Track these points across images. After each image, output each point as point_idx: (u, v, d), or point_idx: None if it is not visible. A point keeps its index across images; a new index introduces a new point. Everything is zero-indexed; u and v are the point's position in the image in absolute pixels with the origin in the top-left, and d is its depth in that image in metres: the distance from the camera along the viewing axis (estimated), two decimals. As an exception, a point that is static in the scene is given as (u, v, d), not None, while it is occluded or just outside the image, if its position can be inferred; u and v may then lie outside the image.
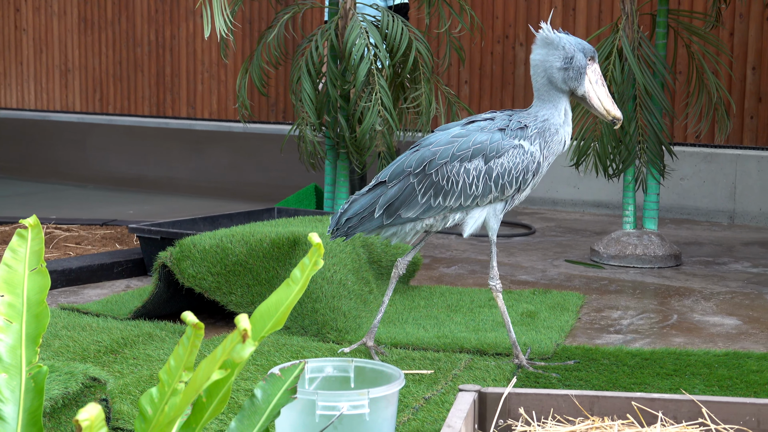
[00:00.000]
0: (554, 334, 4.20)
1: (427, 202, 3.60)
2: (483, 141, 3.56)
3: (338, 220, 3.69)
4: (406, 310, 4.59)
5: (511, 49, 8.21)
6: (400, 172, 3.61)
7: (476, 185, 3.57)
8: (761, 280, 5.49)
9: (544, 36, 3.57)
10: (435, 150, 3.58)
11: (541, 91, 3.62)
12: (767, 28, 7.25)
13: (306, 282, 2.01)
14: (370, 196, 3.65)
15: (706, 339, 4.30)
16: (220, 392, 1.96)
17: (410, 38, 5.91)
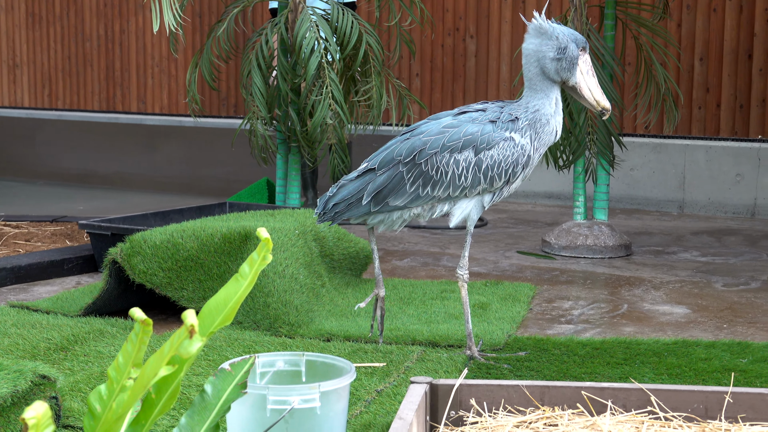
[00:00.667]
0: (506, 325, 4.22)
1: (415, 192, 3.60)
2: (474, 132, 3.56)
3: (325, 205, 3.68)
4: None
5: (462, 41, 8.24)
6: (389, 160, 3.60)
7: (465, 176, 3.58)
8: (710, 268, 5.55)
9: (538, 26, 3.55)
10: (426, 140, 3.58)
11: (533, 81, 3.59)
12: (714, 19, 7.33)
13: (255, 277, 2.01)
14: (359, 183, 3.64)
15: (655, 328, 4.34)
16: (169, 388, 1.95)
17: (360, 31, 5.91)
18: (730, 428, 2.77)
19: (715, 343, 3.99)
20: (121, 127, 10.00)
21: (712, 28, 7.36)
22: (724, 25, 7.30)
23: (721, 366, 3.67)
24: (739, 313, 4.58)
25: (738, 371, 3.60)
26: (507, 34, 8.06)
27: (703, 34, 7.38)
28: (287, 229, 4.47)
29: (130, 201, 8.23)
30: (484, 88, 8.18)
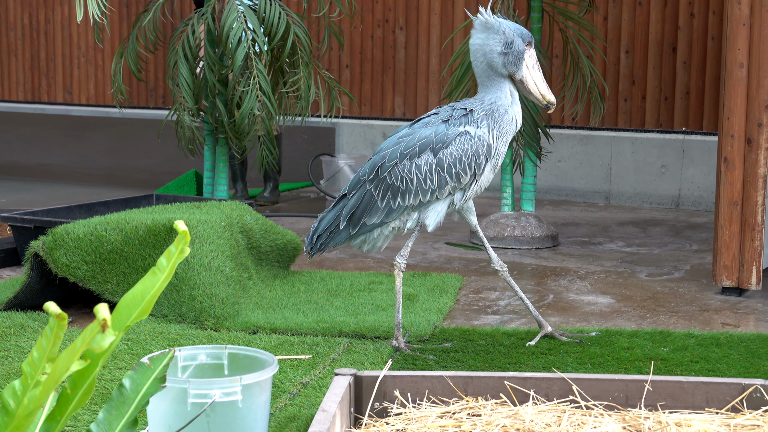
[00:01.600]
0: (432, 316, 4.24)
1: (387, 206, 3.64)
2: (428, 135, 3.60)
3: (311, 239, 3.78)
4: (286, 296, 4.58)
5: (392, 33, 8.24)
6: (357, 182, 3.68)
7: (431, 179, 3.60)
8: (634, 259, 5.62)
9: (484, 20, 3.58)
10: (384, 154, 3.64)
11: (483, 77, 3.63)
12: (639, 13, 7.42)
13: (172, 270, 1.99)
14: (335, 210, 3.73)
15: (580, 318, 4.39)
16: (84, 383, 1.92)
17: (288, 22, 5.89)
18: (650, 416, 2.81)
19: (638, 332, 4.04)
20: (47, 117, 9.85)
21: (637, 21, 7.44)
22: (649, 19, 7.39)
23: (643, 355, 3.72)
24: (662, 303, 4.65)
25: (659, 360, 3.65)
26: (436, 25, 8.08)
27: (629, 27, 7.47)
28: (213, 222, 4.44)
29: (55, 193, 8.11)
30: (414, 79, 8.20)
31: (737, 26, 4.60)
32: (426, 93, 8.16)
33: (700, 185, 7.28)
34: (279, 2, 5.96)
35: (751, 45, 4.58)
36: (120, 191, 7.85)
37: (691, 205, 7.34)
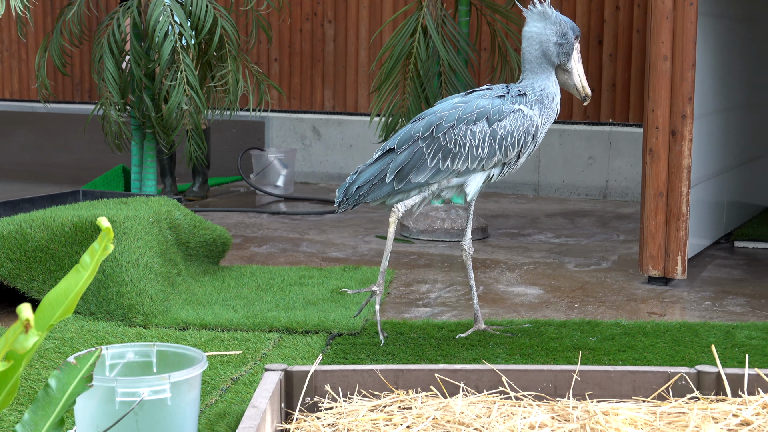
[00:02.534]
0: (364, 310, 4.24)
1: (435, 166, 3.71)
2: (485, 105, 3.71)
3: (346, 191, 3.77)
4: (216, 291, 4.55)
5: (320, 26, 8.22)
6: (408, 138, 3.72)
7: (482, 147, 3.71)
8: (563, 250, 5.68)
9: (542, 10, 3.72)
10: (441, 115, 3.72)
11: (534, 64, 3.76)
12: (566, 6, 7.48)
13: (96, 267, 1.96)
14: (379, 164, 3.74)
15: (510, 309, 4.42)
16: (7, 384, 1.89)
17: (215, 16, 5.84)
18: (578, 405, 2.84)
19: (567, 322, 4.08)
20: (-30, 113, 9.67)
21: (564, 14, 7.49)
22: (576, 12, 7.46)
23: (571, 345, 3.76)
24: (590, 293, 4.70)
25: (587, 350, 3.69)
26: (365, 19, 8.07)
27: (556, 19, 7.52)
28: (141, 217, 4.39)
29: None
30: (343, 73, 8.19)
31: (661, 19, 4.66)
32: (355, 86, 8.16)
33: (627, 176, 7.38)
34: (206, -5, 5.91)
35: (674, 38, 4.65)
36: (46, 188, 7.74)
37: (619, 195, 7.43)
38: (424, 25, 5.89)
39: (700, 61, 4.85)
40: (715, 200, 5.55)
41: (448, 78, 5.89)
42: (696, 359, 3.60)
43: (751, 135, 6.14)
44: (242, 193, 7.68)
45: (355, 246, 5.76)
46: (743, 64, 5.81)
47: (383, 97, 6.02)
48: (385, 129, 6.04)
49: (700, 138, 4.99)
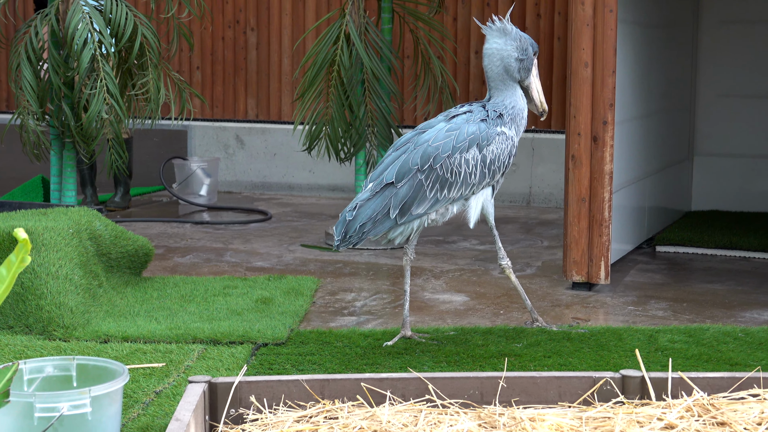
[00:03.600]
0: (288, 320, 4.20)
1: (434, 196, 3.75)
2: (474, 131, 3.77)
3: (347, 228, 3.71)
4: (138, 303, 4.48)
5: (243, 34, 8.16)
6: (406, 171, 3.72)
7: (474, 174, 3.79)
8: (488, 256, 5.70)
9: (502, 27, 3.82)
10: (437, 145, 3.74)
11: (497, 81, 3.85)
12: (488, 14, 7.52)
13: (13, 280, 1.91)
14: (380, 199, 3.71)
15: (435, 316, 4.42)
16: None
17: (136, 23, 5.76)
18: (504, 412, 2.84)
19: (492, 329, 4.09)
20: None
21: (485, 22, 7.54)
22: (498, 19, 7.50)
23: (497, 351, 3.76)
24: (515, 299, 4.72)
25: (513, 356, 3.70)
26: (287, 26, 8.04)
27: (478, 27, 7.55)
28: (61, 228, 4.30)
29: None
30: (266, 81, 8.14)
31: (581, 26, 4.70)
32: (279, 94, 8.12)
33: (550, 182, 7.43)
34: (126, 3, 5.83)
35: (595, 45, 4.70)
36: (-38, 199, 7.57)
37: (542, 202, 7.48)
38: (347, 32, 5.87)
39: (620, 68, 4.90)
40: (637, 205, 5.61)
41: (371, 85, 5.88)
42: (620, 364, 3.62)
43: (670, 140, 6.23)
44: (165, 203, 7.59)
45: (280, 255, 5.72)
46: (661, 70, 5.89)
47: (307, 105, 5.99)
48: (309, 137, 6.00)
49: (621, 144, 5.04)
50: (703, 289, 4.95)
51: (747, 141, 6.58)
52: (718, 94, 6.60)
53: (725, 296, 4.81)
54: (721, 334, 4.03)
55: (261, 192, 8.12)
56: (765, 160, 6.54)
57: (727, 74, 6.56)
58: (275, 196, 7.92)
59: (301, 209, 7.33)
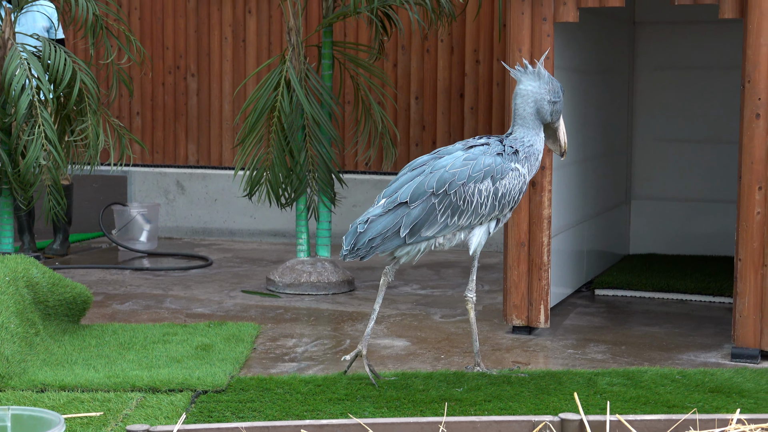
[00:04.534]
0: (228, 366, 4.17)
1: (444, 221, 3.86)
2: (490, 164, 3.90)
3: (356, 241, 3.83)
4: (76, 351, 4.42)
5: (183, 79, 8.16)
6: (421, 193, 3.83)
7: (485, 204, 3.91)
8: (428, 301, 5.71)
9: (537, 71, 3.99)
10: (453, 172, 3.85)
11: (527, 119, 3.99)
12: (427, 60, 7.60)
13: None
14: (392, 216, 3.83)
15: (377, 361, 4.41)
16: None
17: (74, 69, 5.74)
18: (445, 458, 2.84)
19: (433, 373, 4.10)
20: None
21: (425, 68, 7.62)
22: (437, 66, 7.58)
23: (438, 396, 3.77)
24: (456, 344, 4.73)
25: (453, 401, 3.70)
26: (228, 72, 8.05)
27: (418, 73, 7.63)
28: (-4, 276, 4.24)
29: None
30: (207, 126, 8.13)
31: (519, 73, 4.76)
32: (219, 140, 8.11)
33: (491, 227, 7.48)
34: (64, 49, 5.81)
35: (532, 91, 4.75)
36: None
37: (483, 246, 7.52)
38: (287, 78, 5.90)
39: (557, 114, 4.96)
40: (576, 249, 5.67)
41: (312, 131, 5.90)
42: (560, 407, 3.64)
43: (608, 184, 6.32)
44: (104, 250, 7.52)
45: (221, 301, 5.69)
46: (599, 116, 5.99)
47: (247, 150, 5.99)
48: (250, 182, 6.00)
49: (559, 188, 5.10)
50: (642, 331, 5.00)
51: (682, 185, 6.69)
52: (653, 139, 6.71)
53: (663, 339, 4.86)
54: (659, 376, 4.07)
55: (202, 238, 8.08)
56: (700, 204, 6.65)
57: (662, 119, 6.68)
58: (216, 242, 7.89)
59: (242, 255, 7.31)
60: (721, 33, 6.47)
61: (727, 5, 4.44)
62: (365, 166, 7.74)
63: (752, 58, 4.35)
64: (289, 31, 5.92)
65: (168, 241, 7.93)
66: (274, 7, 7.88)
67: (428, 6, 5.76)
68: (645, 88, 6.69)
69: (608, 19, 6.12)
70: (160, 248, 7.53)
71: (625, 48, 6.59)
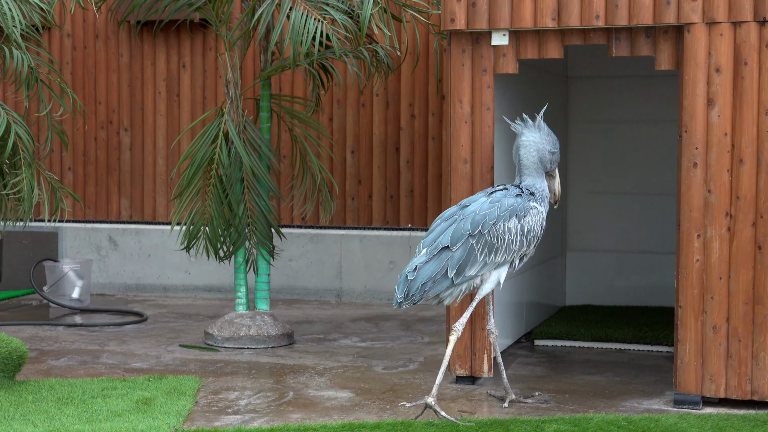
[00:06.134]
0: (171, 419, 4.10)
1: (483, 260, 4.22)
2: (513, 203, 4.31)
3: (408, 288, 4.14)
4: (12, 407, 4.31)
5: (116, 134, 8.09)
6: (459, 236, 4.19)
7: (515, 241, 4.30)
8: (369, 353, 5.68)
9: (537, 124, 4.45)
10: (483, 214, 4.24)
11: (530, 169, 4.44)
12: (363, 114, 7.64)
13: None
14: (437, 262, 4.17)
15: (322, 413, 4.37)
16: None
17: (9, 122, 5.66)
18: (402, 504, 2.81)
19: (380, 423, 4.07)
20: None
21: (361, 122, 7.66)
22: (373, 120, 7.62)
23: (387, 445, 3.73)
24: (401, 394, 4.70)
25: (404, 449, 3.67)
26: (162, 127, 8.00)
27: (354, 128, 7.66)
28: (-69, 330, 4.13)
29: None
30: (141, 181, 8.05)
31: (460, 124, 4.81)
32: (153, 195, 8.04)
33: (427, 280, 7.49)
34: (-1, 101, 5.73)
35: (473, 141, 4.80)
36: None
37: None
38: (225, 130, 5.88)
39: (497, 164, 5.02)
40: (516, 300, 5.69)
41: (251, 184, 5.88)
42: (510, 454, 3.63)
43: (544, 236, 6.37)
44: (35, 306, 7.37)
45: (159, 356, 5.60)
46: (536, 169, 6.04)
47: (185, 204, 5.94)
48: (188, 236, 5.94)
49: (500, 239, 5.12)
50: (584, 380, 5.03)
51: (615, 237, 6.78)
52: (587, 191, 6.80)
53: (605, 387, 4.89)
54: (605, 422, 4.09)
55: (135, 294, 7.96)
56: (632, 255, 6.74)
57: (595, 172, 6.78)
58: (150, 298, 7.78)
59: (177, 310, 7.21)
60: (651, 87, 6.61)
61: (663, 57, 4.54)
62: (302, 220, 7.72)
63: (689, 109, 4.44)
64: (227, 83, 5.91)
65: (101, 298, 7.81)
66: (208, 61, 7.88)
67: (366, 59, 5.80)
68: (578, 142, 6.80)
69: (543, 74, 6.22)
70: (92, 304, 7.40)
71: (560, 101, 6.69)
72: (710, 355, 4.46)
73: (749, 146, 4.39)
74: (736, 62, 4.39)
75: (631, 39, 4.59)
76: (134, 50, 8.03)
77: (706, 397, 4.50)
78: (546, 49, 4.70)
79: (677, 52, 4.51)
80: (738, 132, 4.40)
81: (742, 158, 4.40)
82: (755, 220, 4.40)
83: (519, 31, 4.71)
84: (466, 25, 4.73)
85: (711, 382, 4.46)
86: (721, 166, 4.41)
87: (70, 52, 8.13)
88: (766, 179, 4.38)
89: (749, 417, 4.24)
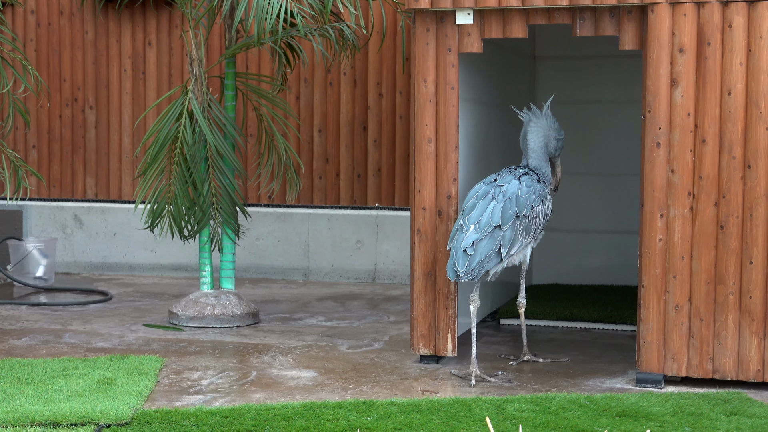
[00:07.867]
0: (132, 399, 4.08)
1: (522, 240, 4.52)
2: (540, 189, 4.65)
3: (469, 262, 4.37)
4: (-28, 387, 4.27)
5: (81, 112, 8.02)
6: (508, 217, 4.46)
7: (541, 224, 4.64)
8: (334, 332, 5.67)
9: (545, 111, 4.77)
10: (526, 197, 4.54)
11: (538, 152, 4.78)
12: (330, 93, 7.60)
13: None
14: (489, 240, 4.42)
15: (284, 393, 4.36)
16: None
17: (-30, 99, 5.59)
18: (359, 484, 2.80)
19: (342, 403, 4.06)
20: None
21: (329, 101, 7.62)
22: (340, 99, 7.59)
23: (348, 425, 3.73)
24: (364, 374, 4.70)
25: (364, 429, 3.67)
26: (128, 105, 7.94)
27: (321, 106, 7.63)
28: None
29: None
30: (106, 159, 7.99)
31: (424, 103, 4.79)
32: (119, 173, 7.98)
33: (395, 259, 7.49)
34: (-41, 78, 5.66)
35: (437, 121, 4.78)
36: None
37: (387, 278, 7.52)
38: (190, 109, 5.83)
39: (462, 144, 5.01)
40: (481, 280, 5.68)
41: (215, 162, 5.84)
42: (470, 433, 3.64)
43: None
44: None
45: (122, 335, 5.56)
46: (500, 147, 6.04)
47: (149, 182, 5.90)
48: (152, 215, 5.90)
49: (464, 218, 5.12)
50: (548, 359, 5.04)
51: (582, 216, 6.79)
52: (554, 171, 6.80)
53: (569, 366, 4.90)
54: (567, 401, 4.10)
55: (101, 273, 7.91)
56: (598, 235, 6.76)
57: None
58: (116, 277, 7.74)
59: (142, 289, 7.17)
60: (617, 68, 6.61)
61: (627, 37, 4.53)
62: (268, 199, 7.68)
63: (652, 89, 4.44)
64: (192, 61, 5.86)
65: (66, 276, 7.75)
66: (174, 39, 7.81)
67: (332, 37, 5.76)
68: (545, 121, 6.78)
69: (510, 53, 6.20)
70: (57, 283, 7.35)
71: (526, 82, 6.68)
72: (672, 334, 4.47)
73: (712, 126, 4.40)
74: (699, 42, 4.39)
75: (595, 18, 4.58)
76: (99, 27, 7.95)
77: (668, 376, 4.53)
78: (510, 28, 4.68)
79: (641, 32, 4.50)
80: (701, 112, 4.41)
81: (705, 138, 4.40)
82: (717, 200, 4.41)
83: (483, 10, 4.69)
84: (431, 3, 4.70)
85: (673, 361, 4.48)
86: (684, 146, 4.42)
87: (34, 29, 8.04)
88: (729, 159, 4.39)
89: (710, 395, 4.26)
